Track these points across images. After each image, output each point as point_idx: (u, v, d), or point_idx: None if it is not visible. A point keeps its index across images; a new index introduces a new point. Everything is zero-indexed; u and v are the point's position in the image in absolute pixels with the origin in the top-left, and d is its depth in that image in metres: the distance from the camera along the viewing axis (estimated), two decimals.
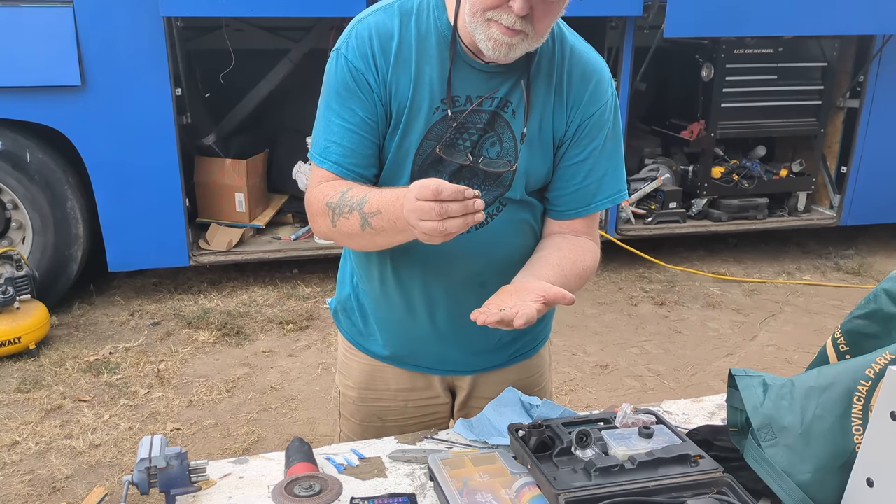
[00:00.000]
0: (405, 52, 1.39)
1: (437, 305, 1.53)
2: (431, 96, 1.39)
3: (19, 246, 4.22)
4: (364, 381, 1.68)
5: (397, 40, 1.38)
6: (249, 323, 4.24)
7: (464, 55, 1.40)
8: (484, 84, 1.41)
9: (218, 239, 4.66)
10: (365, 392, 1.69)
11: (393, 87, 1.39)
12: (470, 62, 1.40)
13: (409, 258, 1.48)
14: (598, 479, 1.20)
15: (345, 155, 1.40)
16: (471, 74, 1.40)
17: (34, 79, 3.88)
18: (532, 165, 1.45)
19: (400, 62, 1.38)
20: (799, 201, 5.41)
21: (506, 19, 1.28)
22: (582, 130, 1.45)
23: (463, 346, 1.59)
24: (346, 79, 1.39)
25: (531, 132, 1.43)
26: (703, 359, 3.98)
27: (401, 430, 1.63)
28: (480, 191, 1.41)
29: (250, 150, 4.92)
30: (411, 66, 1.38)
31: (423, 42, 1.39)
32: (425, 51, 1.39)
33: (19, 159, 4.05)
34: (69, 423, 3.26)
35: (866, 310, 1.31)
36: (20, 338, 3.71)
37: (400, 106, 1.39)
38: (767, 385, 1.25)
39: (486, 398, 1.62)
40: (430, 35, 1.40)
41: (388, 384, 1.67)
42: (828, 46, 5.05)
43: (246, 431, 3.24)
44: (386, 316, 1.59)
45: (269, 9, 4.05)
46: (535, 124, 1.43)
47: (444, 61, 1.39)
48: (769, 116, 5.10)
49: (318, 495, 1.15)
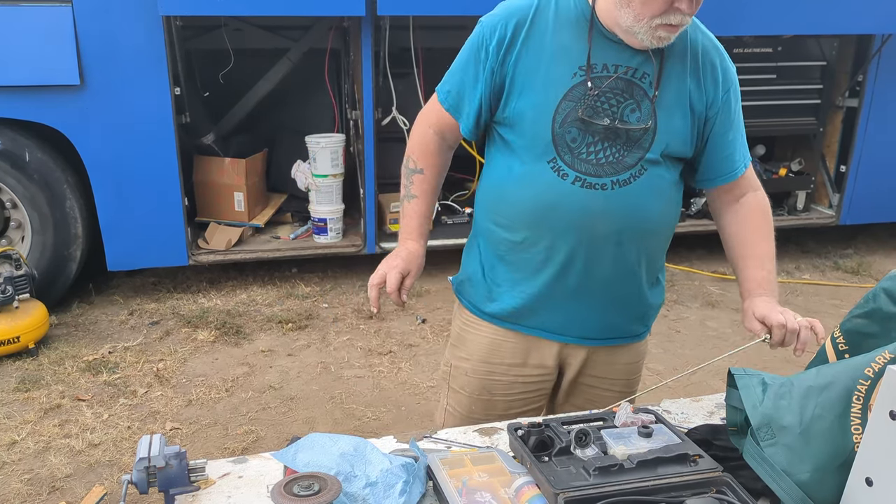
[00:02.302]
0: (541, 26, 1.56)
1: (575, 259, 1.61)
2: (570, 63, 1.54)
3: (18, 245, 4.22)
4: (480, 353, 1.77)
5: (532, 16, 1.57)
6: (248, 322, 4.24)
7: (603, 30, 1.54)
8: (620, 55, 1.54)
9: (217, 238, 4.65)
10: (478, 365, 1.77)
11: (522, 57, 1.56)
12: (607, 35, 1.54)
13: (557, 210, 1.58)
14: (597, 478, 1.20)
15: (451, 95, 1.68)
16: (607, 46, 1.55)
17: (33, 78, 3.88)
18: (670, 128, 1.57)
19: (532, 34, 1.56)
20: (798, 200, 5.41)
21: (675, 19, 1.44)
22: (724, 102, 1.62)
23: (589, 305, 1.67)
24: (474, 43, 1.61)
25: (668, 98, 1.56)
26: (702, 358, 3.98)
27: (507, 406, 1.77)
28: (623, 152, 1.56)
29: (249, 149, 4.92)
30: (546, 38, 1.55)
31: (563, 18, 1.56)
32: (565, 26, 1.56)
33: (18, 158, 4.04)
34: (68, 423, 3.26)
35: (865, 309, 1.31)
36: (19, 337, 3.71)
37: (530, 72, 1.56)
38: (766, 384, 1.25)
39: (594, 376, 1.77)
40: (571, 12, 1.57)
41: (503, 357, 1.75)
42: (827, 46, 5.05)
43: (245, 431, 3.24)
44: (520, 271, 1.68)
45: (268, 8, 4.05)
46: (671, 92, 1.57)
47: (582, 33, 1.55)
48: (768, 115, 5.09)
49: (317, 495, 1.15)
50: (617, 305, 1.69)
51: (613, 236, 1.58)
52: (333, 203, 4.70)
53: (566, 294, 1.65)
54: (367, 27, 4.22)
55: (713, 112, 1.62)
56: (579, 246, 1.59)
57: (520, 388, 1.77)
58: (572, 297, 1.65)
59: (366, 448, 1.30)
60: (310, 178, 4.67)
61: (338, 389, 3.58)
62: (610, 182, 1.55)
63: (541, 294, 1.66)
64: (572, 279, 1.63)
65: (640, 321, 1.77)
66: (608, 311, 1.69)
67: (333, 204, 4.70)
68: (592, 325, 1.70)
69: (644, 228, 1.61)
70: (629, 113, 1.55)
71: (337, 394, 3.54)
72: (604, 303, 1.67)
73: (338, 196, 4.70)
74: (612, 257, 1.60)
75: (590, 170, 1.55)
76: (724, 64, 1.64)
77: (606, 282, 1.64)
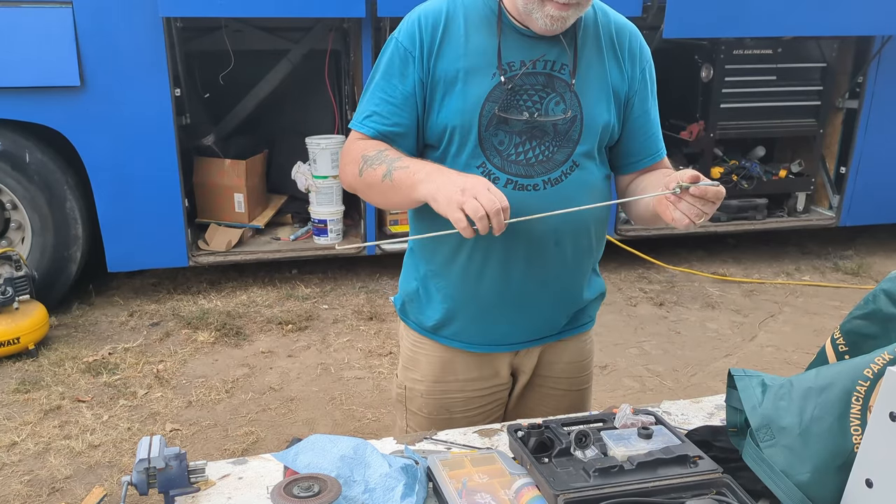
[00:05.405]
0: (454, 28, 1.52)
1: (514, 264, 1.58)
2: (488, 64, 1.51)
3: (18, 246, 4.22)
4: (433, 373, 1.72)
5: (445, 19, 1.52)
6: (248, 323, 4.24)
7: (513, 25, 1.52)
8: (534, 49, 1.52)
9: (217, 239, 4.66)
10: (433, 385, 1.73)
11: (441, 62, 1.51)
12: (519, 30, 1.52)
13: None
14: (597, 479, 1.20)
15: (380, 123, 1.54)
16: (521, 42, 1.52)
17: (33, 79, 3.88)
18: (595, 115, 1.55)
19: (448, 38, 1.52)
20: (798, 202, 5.41)
21: None
22: (641, 83, 1.61)
23: (534, 308, 1.64)
24: (395, 59, 1.53)
25: (589, 85, 1.55)
26: (702, 359, 3.98)
27: (468, 422, 1.70)
28: (553, 149, 1.54)
29: (249, 150, 4.92)
30: (461, 40, 1.52)
31: (472, 16, 1.53)
32: (475, 24, 1.52)
33: (18, 160, 4.05)
34: (68, 424, 3.26)
35: (865, 310, 1.31)
36: (19, 338, 3.71)
37: (451, 77, 1.51)
38: (766, 385, 1.25)
39: (543, 375, 1.74)
40: (480, 10, 1.53)
41: (457, 374, 1.71)
42: (827, 47, 5.05)
43: (245, 432, 3.24)
44: (459, 288, 1.63)
45: (268, 9, 4.05)
46: (592, 78, 1.55)
47: (493, 32, 1.51)
48: (768, 117, 5.10)
49: (317, 496, 1.15)
50: (560, 303, 1.67)
51: (551, 235, 1.55)
52: (333, 204, 4.70)
53: (510, 300, 1.61)
54: (368, 28, 4.23)
55: (633, 91, 1.60)
56: (517, 249, 1.55)
57: (478, 402, 1.73)
58: (517, 302, 1.61)
59: (366, 450, 1.30)
60: (310, 179, 4.67)
61: (338, 391, 3.58)
62: (542, 181, 1.53)
63: (484, 305, 1.62)
64: (514, 284, 1.59)
65: (584, 312, 1.75)
66: (553, 310, 1.66)
67: (334, 205, 4.70)
68: (538, 326, 1.68)
69: (580, 224, 1.57)
70: (553, 106, 1.52)
71: (337, 395, 3.54)
72: (548, 303, 1.64)
73: (338, 197, 4.70)
74: (552, 257, 1.57)
75: (520, 171, 1.52)
76: (639, 42, 1.63)
77: (548, 282, 1.61)
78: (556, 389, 1.78)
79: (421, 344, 1.73)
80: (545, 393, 1.78)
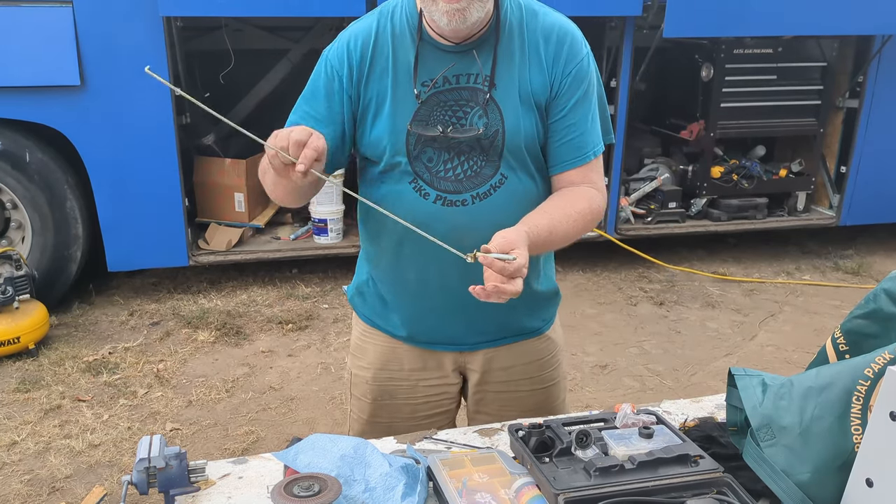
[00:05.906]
0: (382, 47, 1.52)
1: (449, 275, 1.58)
2: (412, 82, 1.51)
3: (19, 246, 4.22)
4: (379, 362, 1.75)
5: (374, 38, 1.53)
6: (249, 323, 4.24)
7: (433, 41, 1.51)
8: (458, 63, 1.51)
9: (217, 239, 4.66)
10: (379, 372, 1.75)
11: (371, 85, 1.52)
12: (440, 46, 1.51)
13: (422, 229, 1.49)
14: (597, 479, 1.20)
15: None
16: (440, 56, 1.51)
17: (33, 79, 3.88)
18: (516, 126, 1.52)
19: (377, 58, 1.52)
20: (798, 201, 5.41)
21: None
22: (563, 87, 1.54)
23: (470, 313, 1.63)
24: (322, 76, 1.56)
25: (509, 96, 1.52)
26: (702, 359, 3.98)
27: (412, 409, 1.74)
28: (481, 164, 1.53)
29: (250, 150, 4.91)
30: (388, 59, 1.52)
31: (399, 35, 1.53)
32: (401, 43, 1.52)
33: (19, 159, 4.04)
34: (68, 423, 3.26)
35: (866, 310, 1.31)
36: (19, 338, 3.71)
37: (381, 97, 1.52)
38: (767, 385, 1.25)
39: (500, 381, 1.73)
40: (405, 28, 1.53)
41: (402, 364, 1.74)
42: (827, 47, 5.05)
43: (245, 431, 3.24)
44: (401, 293, 1.67)
45: (268, 9, 4.05)
46: (511, 87, 1.52)
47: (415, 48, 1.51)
48: (768, 116, 5.10)
49: (317, 495, 1.15)
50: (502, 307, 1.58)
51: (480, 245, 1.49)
52: (334, 204, 4.70)
53: (449, 308, 1.63)
54: None
55: (553, 95, 1.55)
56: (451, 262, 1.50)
57: (423, 391, 1.75)
58: (455, 309, 1.62)
59: (366, 450, 1.30)
60: None
61: (338, 390, 3.58)
62: (470, 197, 1.54)
63: (423, 311, 1.65)
64: (452, 293, 1.58)
65: (533, 315, 1.73)
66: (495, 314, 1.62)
67: (334, 205, 4.70)
68: (480, 328, 1.68)
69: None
70: (476, 120, 1.51)
71: (337, 394, 3.54)
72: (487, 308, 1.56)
73: (338, 197, 4.70)
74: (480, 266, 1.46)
75: (449, 187, 1.53)
76: (568, 43, 1.54)
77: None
78: (519, 391, 1.76)
79: (368, 334, 1.77)
80: (509, 394, 1.76)
